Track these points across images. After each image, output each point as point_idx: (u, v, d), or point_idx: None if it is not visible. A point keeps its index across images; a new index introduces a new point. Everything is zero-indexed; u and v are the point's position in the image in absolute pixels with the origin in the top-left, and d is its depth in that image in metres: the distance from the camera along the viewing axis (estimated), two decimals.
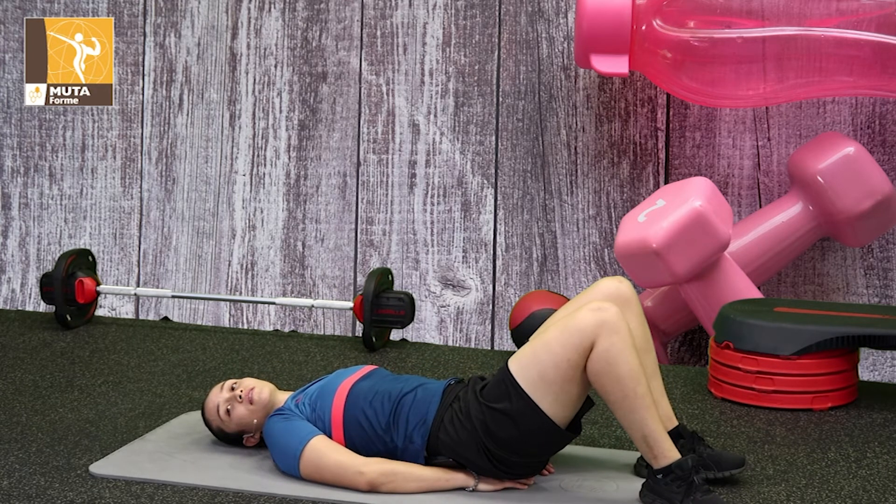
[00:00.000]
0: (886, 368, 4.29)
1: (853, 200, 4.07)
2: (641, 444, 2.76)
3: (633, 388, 2.73)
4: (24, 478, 2.95)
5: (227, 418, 3.08)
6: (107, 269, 4.89)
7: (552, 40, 4.54)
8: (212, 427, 3.14)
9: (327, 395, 3.00)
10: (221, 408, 3.08)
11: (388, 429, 2.91)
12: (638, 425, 2.74)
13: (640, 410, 2.74)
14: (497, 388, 2.83)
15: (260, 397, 3.05)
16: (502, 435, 2.81)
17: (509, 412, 2.79)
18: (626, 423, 2.76)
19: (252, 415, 3.06)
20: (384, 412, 2.92)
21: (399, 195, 4.67)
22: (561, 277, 4.55)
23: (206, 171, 4.83)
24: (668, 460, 2.74)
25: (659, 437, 2.75)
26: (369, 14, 4.67)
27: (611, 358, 2.72)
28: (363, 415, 2.94)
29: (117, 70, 4.85)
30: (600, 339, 2.73)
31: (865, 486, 2.97)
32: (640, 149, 4.49)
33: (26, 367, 3.96)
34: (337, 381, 3.04)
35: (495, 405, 2.81)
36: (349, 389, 2.99)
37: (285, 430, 2.95)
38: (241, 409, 3.06)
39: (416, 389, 2.96)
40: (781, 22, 4.00)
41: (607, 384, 2.73)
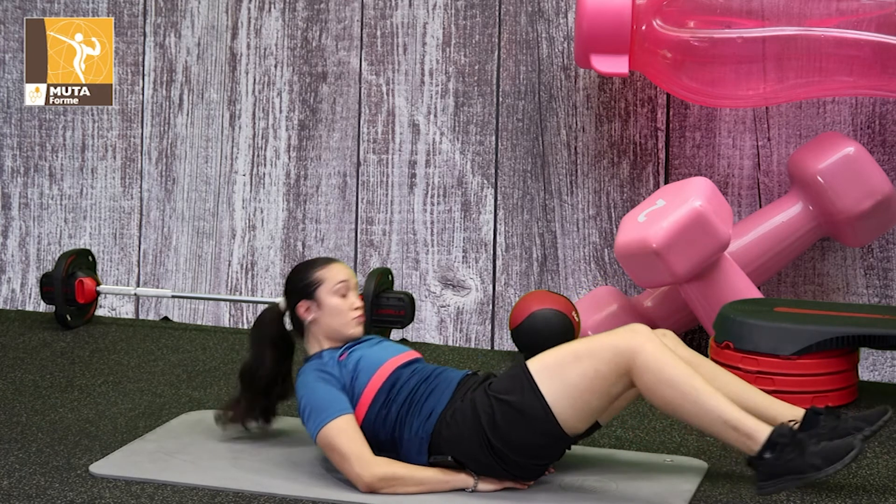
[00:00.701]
0: (886, 368, 4.29)
1: (853, 200, 4.07)
2: (729, 433, 2.65)
3: (689, 384, 2.67)
4: (24, 478, 2.95)
5: (316, 312, 3.05)
6: (107, 269, 4.89)
7: (552, 40, 4.54)
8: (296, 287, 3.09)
9: (369, 370, 2.98)
10: (350, 307, 3.05)
11: (402, 422, 2.92)
12: (713, 414, 2.66)
13: (707, 400, 2.66)
14: (509, 382, 2.82)
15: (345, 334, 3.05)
16: (507, 429, 2.79)
17: (518, 406, 2.78)
18: (699, 420, 2.68)
19: (322, 338, 3.06)
20: (403, 403, 2.93)
21: (399, 195, 4.67)
22: (561, 277, 4.55)
23: (206, 171, 4.83)
24: (763, 433, 2.63)
25: (740, 415, 2.65)
26: (369, 14, 4.67)
27: (655, 366, 2.69)
28: (391, 402, 2.94)
29: (117, 70, 4.85)
30: (637, 355, 2.70)
31: (865, 486, 2.97)
32: (640, 149, 4.49)
33: (26, 367, 3.96)
34: (382, 358, 3.02)
35: (504, 397, 2.80)
36: (390, 373, 2.98)
37: (321, 395, 2.92)
38: (327, 320, 3.05)
39: (433, 380, 2.96)
40: (781, 22, 4.00)
41: (663, 390, 2.69)
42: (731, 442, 2.68)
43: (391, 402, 2.94)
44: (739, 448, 2.68)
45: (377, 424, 2.95)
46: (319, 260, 3.14)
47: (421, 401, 2.92)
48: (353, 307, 3.06)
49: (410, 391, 2.95)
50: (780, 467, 2.62)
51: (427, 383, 2.97)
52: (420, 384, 2.96)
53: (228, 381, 3.87)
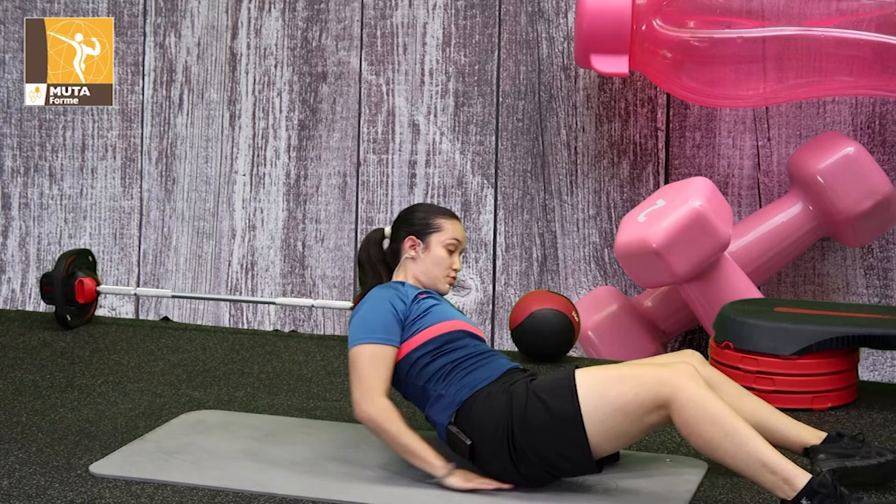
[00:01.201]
0: (886, 368, 4.29)
1: (853, 200, 4.07)
2: (767, 477, 2.62)
3: (731, 423, 2.65)
4: (24, 478, 2.95)
5: (421, 258, 3.11)
6: (107, 269, 4.89)
7: (552, 40, 4.54)
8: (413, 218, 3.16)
9: (437, 317, 3.03)
10: (451, 265, 3.12)
11: (440, 380, 2.93)
12: (753, 457, 2.63)
13: (748, 442, 2.64)
14: (551, 384, 2.84)
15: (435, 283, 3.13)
16: (534, 426, 2.79)
17: (552, 407, 2.78)
18: (738, 462, 2.65)
19: (411, 276, 3.13)
20: (448, 364, 2.96)
21: (399, 195, 4.67)
22: (561, 277, 4.55)
23: (206, 171, 4.84)
24: (801, 480, 2.59)
25: (780, 459, 2.63)
26: (369, 14, 4.67)
27: (698, 403, 2.67)
28: (438, 356, 2.97)
29: (117, 70, 4.85)
30: (680, 390, 2.69)
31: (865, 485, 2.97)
32: (640, 149, 4.49)
33: (26, 367, 3.96)
34: (454, 315, 3.08)
35: (542, 395, 2.81)
36: (453, 329, 3.03)
37: (379, 315, 2.98)
38: (424, 265, 3.12)
39: (486, 359, 2.99)
40: (781, 22, 4.00)
41: (703, 428, 2.66)
42: (768, 485, 2.64)
43: (439, 355, 2.98)
44: (775, 492, 2.65)
45: (414, 368, 2.98)
46: (447, 210, 3.18)
47: (466, 370, 2.95)
48: (451, 266, 3.13)
49: (460, 357, 2.98)
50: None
51: (479, 358, 2.99)
52: (472, 356, 2.99)
53: (228, 380, 3.87)
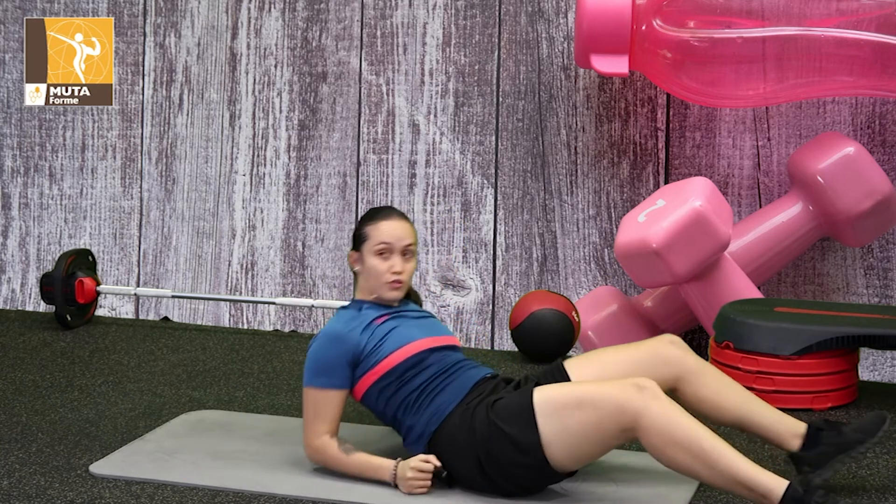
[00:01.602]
0: (886, 368, 4.29)
1: (853, 200, 4.07)
2: (744, 492, 2.62)
3: (698, 444, 2.63)
4: (24, 478, 2.95)
5: (363, 262, 3.05)
6: (107, 269, 4.89)
7: (552, 40, 4.54)
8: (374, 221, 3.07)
9: (396, 342, 2.97)
10: (387, 270, 3.02)
11: (409, 409, 2.93)
12: (727, 475, 2.62)
13: (719, 461, 2.62)
14: (513, 410, 2.80)
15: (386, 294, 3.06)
16: (499, 456, 2.79)
17: (513, 439, 2.77)
18: (714, 481, 2.65)
19: (366, 291, 3.07)
20: (414, 391, 2.94)
21: (399, 195, 4.67)
22: (561, 277, 4.55)
23: (206, 171, 4.83)
24: (777, 494, 2.58)
25: (754, 474, 2.61)
26: (369, 14, 4.67)
27: (662, 427, 2.65)
28: (403, 384, 2.95)
29: (117, 70, 4.85)
30: (642, 415, 2.66)
31: (865, 486, 2.97)
32: (640, 149, 4.49)
33: (26, 367, 3.96)
34: (415, 336, 3.00)
35: (504, 427, 2.78)
36: (415, 353, 2.97)
37: (328, 358, 2.95)
38: (366, 278, 3.05)
39: (451, 376, 2.96)
40: (781, 22, 4.00)
41: (673, 453, 2.65)
42: (747, 500, 2.66)
43: (402, 384, 2.95)
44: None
45: (382, 398, 2.97)
46: (380, 212, 3.09)
47: (432, 395, 2.92)
48: (389, 271, 3.01)
49: (424, 381, 2.95)
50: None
51: (444, 378, 2.96)
52: (437, 376, 2.95)
53: (228, 381, 3.87)
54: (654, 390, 2.70)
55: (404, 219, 3.08)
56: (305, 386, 2.98)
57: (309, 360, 2.98)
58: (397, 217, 3.08)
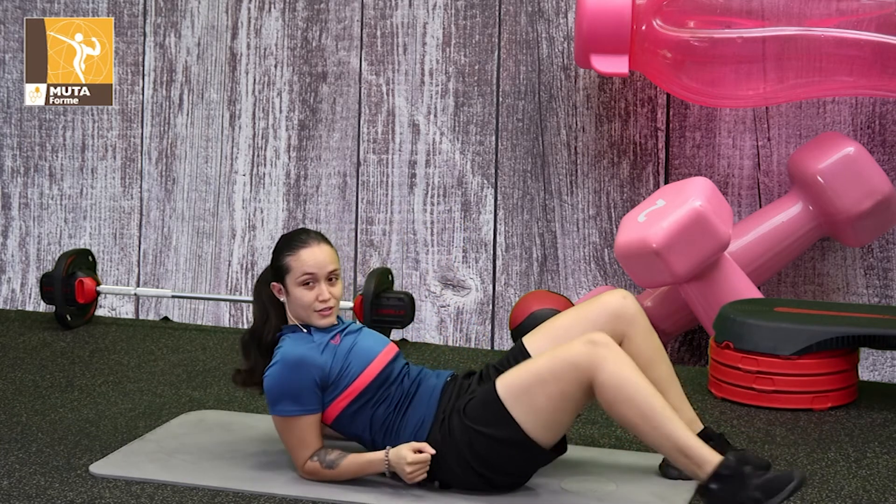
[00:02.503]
0: (886, 368, 4.29)
1: (853, 200, 4.07)
2: (680, 459, 2.69)
3: (649, 405, 2.69)
4: (24, 478, 2.95)
5: (289, 296, 2.99)
6: (107, 269, 4.89)
7: (552, 40, 4.54)
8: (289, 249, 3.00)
9: (362, 361, 2.94)
10: (315, 299, 2.96)
11: (389, 430, 2.92)
12: (669, 440, 2.68)
13: (665, 424, 2.69)
14: (483, 410, 2.82)
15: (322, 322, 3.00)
16: (489, 456, 2.82)
17: (497, 437, 2.80)
18: (655, 442, 2.71)
19: (297, 320, 3.01)
20: (391, 409, 2.93)
21: (399, 195, 4.67)
22: (561, 277, 4.55)
23: (206, 171, 4.83)
24: (712, 465, 2.66)
25: (694, 443, 2.68)
26: (369, 14, 4.67)
27: (616, 384, 2.70)
28: (378, 403, 2.94)
29: (117, 70, 4.85)
30: (598, 371, 2.71)
31: (865, 486, 2.97)
32: (640, 149, 4.49)
33: (26, 367, 3.96)
34: (374, 350, 2.98)
35: (482, 429, 2.81)
36: (382, 368, 2.95)
37: (295, 384, 2.88)
38: (294, 309, 2.99)
39: (417, 389, 2.96)
40: (781, 22, 4.00)
41: (622, 410, 2.70)
42: (682, 467, 2.71)
43: (377, 403, 2.94)
44: (689, 474, 2.72)
45: (357, 421, 2.95)
46: (296, 240, 3.01)
47: (408, 413, 2.93)
48: (318, 299, 2.96)
49: (395, 400, 2.95)
50: (725, 499, 2.64)
51: (413, 393, 2.96)
52: (406, 393, 2.96)
53: (228, 381, 3.87)
54: (606, 344, 2.75)
55: (324, 242, 3.02)
56: (276, 415, 2.91)
57: (273, 388, 2.89)
58: (317, 242, 3.01)
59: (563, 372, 2.75)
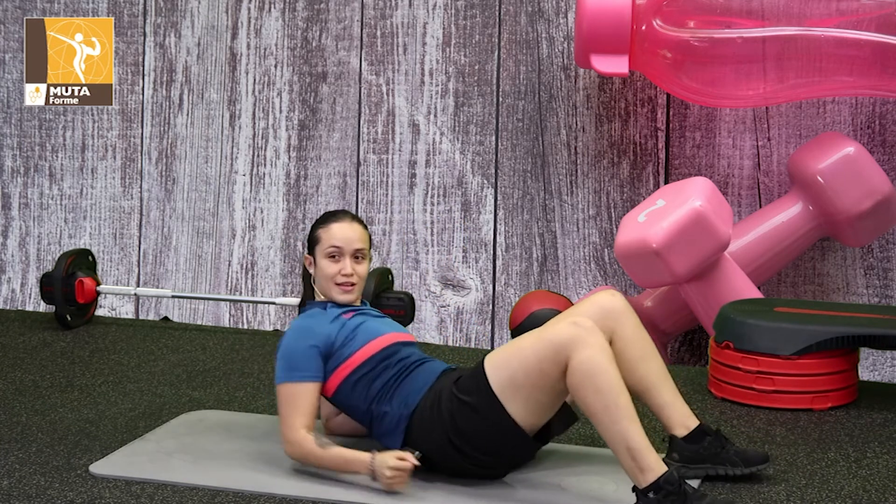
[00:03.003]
0: (886, 368, 4.29)
1: (853, 200, 4.07)
2: (626, 458, 2.69)
3: (613, 399, 2.69)
4: (24, 478, 2.95)
5: (317, 266, 3.07)
6: (107, 269, 4.89)
7: (552, 40, 4.54)
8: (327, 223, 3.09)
9: (366, 335, 3.01)
10: (338, 272, 3.05)
11: (382, 399, 2.95)
12: (621, 437, 2.69)
13: (622, 421, 2.69)
14: (470, 381, 2.87)
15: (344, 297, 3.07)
16: (466, 428, 2.85)
17: (475, 406, 2.83)
18: (608, 435, 2.71)
19: (321, 293, 3.09)
20: (388, 382, 2.97)
21: (399, 195, 4.67)
22: (561, 277, 4.55)
23: (206, 171, 4.84)
24: (654, 474, 2.66)
25: (644, 448, 2.68)
26: (369, 14, 4.67)
27: (588, 370, 2.71)
28: (376, 376, 2.97)
29: (117, 70, 4.85)
30: (575, 352, 2.72)
31: (865, 486, 2.97)
32: (640, 149, 4.49)
33: (26, 367, 3.96)
34: (382, 330, 3.05)
35: (464, 397, 2.85)
36: (386, 345, 3.00)
37: (301, 351, 2.95)
38: (318, 281, 3.08)
39: (419, 367, 3.00)
40: (781, 22, 4.00)
41: (587, 396, 2.71)
42: (626, 468, 2.71)
43: (377, 375, 2.98)
44: (630, 476, 2.71)
45: (357, 391, 2.99)
46: (331, 215, 3.13)
47: (405, 384, 2.97)
48: (340, 273, 3.06)
49: (398, 372, 2.99)
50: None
51: (414, 368, 3.00)
52: (408, 367, 3.00)
53: (228, 381, 3.87)
54: (590, 328, 2.76)
55: (357, 221, 3.12)
56: (279, 383, 2.97)
57: (281, 355, 2.99)
58: (349, 220, 3.11)
59: (543, 349, 2.77)
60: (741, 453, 2.95)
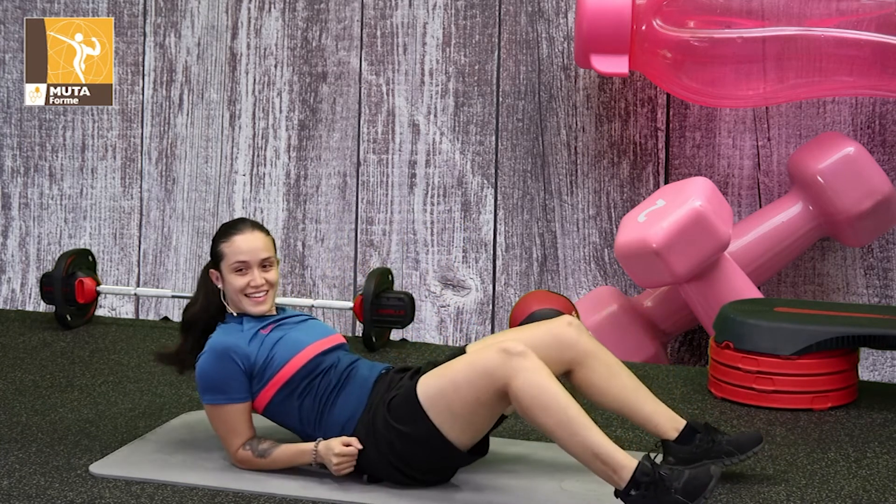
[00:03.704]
0: (886, 368, 4.29)
1: (853, 200, 4.07)
2: (597, 465, 2.67)
3: (563, 413, 2.67)
4: (24, 478, 2.95)
5: (223, 281, 3.02)
6: (107, 269, 4.89)
7: (552, 40, 4.54)
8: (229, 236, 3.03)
9: (287, 352, 2.96)
10: (246, 285, 3.00)
11: (318, 423, 2.94)
12: (584, 446, 2.67)
13: (579, 431, 2.67)
14: (404, 408, 2.84)
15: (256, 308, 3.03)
16: (408, 454, 2.83)
17: (414, 437, 2.81)
18: (571, 449, 2.70)
19: (234, 306, 3.04)
20: (317, 401, 2.94)
21: (399, 195, 4.67)
22: (561, 277, 4.55)
23: (206, 171, 4.84)
24: (628, 470, 2.64)
25: (609, 448, 2.67)
26: (369, 14, 4.67)
27: (529, 393, 2.69)
28: (304, 394, 2.95)
29: (117, 70, 4.85)
30: (512, 379, 2.70)
31: (865, 486, 2.97)
32: (640, 149, 4.49)
33: (26, 367, 3.96)
34: (304, 341, 3.00)
35: (401, 427, 2.82)
36: (309, 360, 2.97)
37: (221, 373, 2.93)
38: (229, 295, 3.03)
39: (348, 380, 2.96)
40: (781, 22, 4.00)
41: (537, 417, 2.70)
42: (600, 474, 2.70)
43: (304, 393, 2.95)
44: (607, 481, 2.70)
45: (284, 410, 2.97)
46: (231, 227, 3.05)
47: (337, 404, 2.94)
48: (250, 284, 3.01)
49: (326, 389, 2.96)
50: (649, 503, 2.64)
51: (342, 383, 2.97)
52: (335, 384, 2.97)
53: None
54: (522, 352, 2.74)
55: (258, 229, 3.06)
56: (207, 404, 2.95)
57: (201, 377, 2.95)
58: (250, 229, 3.05)
59: (476, 379, 2.75)
60: (733, 441, 2.92)
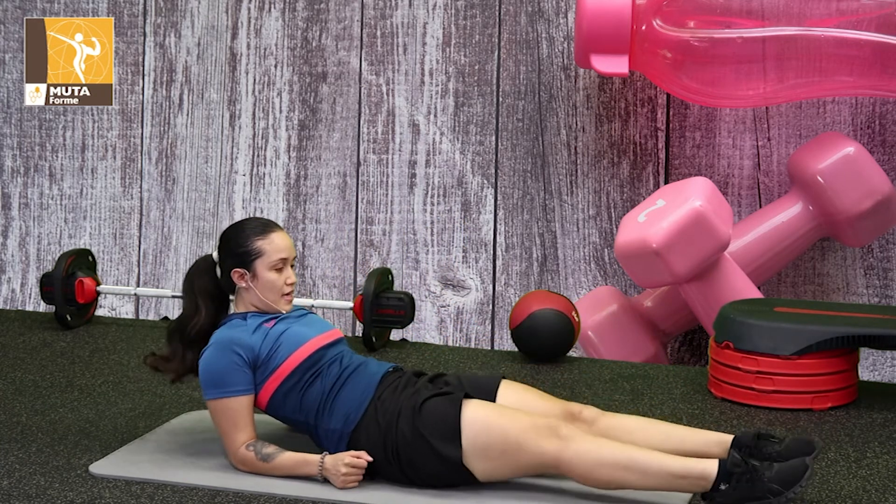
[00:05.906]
0: (886, 368, 4.29)
1: (853, 200, 4.07)
2: (682, 484, 2.65)
3: (622, 456, 2.67)
4: (24, 478, 2.95)
5: (253, 282, 3.02)
6: (107, 269, 4.89)
7: (552, 40, 4.54)
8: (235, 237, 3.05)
9: (291, 345, 2.97)
10: (284, 282, 3.01)
11: (321, 412, 2.93)
12: (662, 474, 2.64)
13: (650, 463, 2.65)
14: (439, 420, 2.83)
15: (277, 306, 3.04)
16: (417, 461, 2.83)
17: (438, 452, 2.80)
18: (653, 484, 2.67)
19: (250, 305, 3.04)
20: (322, 392, 2.94)
21: (399, 195, 4.67)
22: (561, 277, 4.55)
23: (206, 171, 4.84)
24: (712, 468, 2.62)
25: (685, 462, 2.65)
26: (369, 14, 4.67)
27: (581, 456, 2.69)
28: (307, 385, 2.95)
29: (117, 70, 4.86)
30: (561, 458, 2.71)
31: (865, 486, 2.97)
32: (640, 149, 4.49)
33: (26, 367, 3.96)
34: (307, 335, 3.00)
35: (427, 436, 2.81)
36: (312, 352, 2.97)
37: (226, 366, 2.92)
38: (259, 293, 3.03)
39: (355, 373, 2.96)
40: (781, 22, 4.00)
41: (601, 473, 2.69)
42: (687, 489, 2.68)
43: (308, 385, 2.95)
44: (696, 492, 2.68)
45: (289, 402, 2.97)
46: (260, 226, 3.06)
47: (341, 395, 2.94)
48: (286, 282, 3.04)
49: (332, 380, 2.96)
50: (738, 497, 2.61)
51: (348, 375, 2.97)
52: (341, 375, 2.97)
53: None
54: (570, 433, 2.74)
55: (281, 230, 3.12)
56: (210, 399, 2.94)
57: (205, 372, 2.94)
58: (281, 229, 3.09)
59: (527, 453, 2.74)
60: (785, 451, 2.79)
